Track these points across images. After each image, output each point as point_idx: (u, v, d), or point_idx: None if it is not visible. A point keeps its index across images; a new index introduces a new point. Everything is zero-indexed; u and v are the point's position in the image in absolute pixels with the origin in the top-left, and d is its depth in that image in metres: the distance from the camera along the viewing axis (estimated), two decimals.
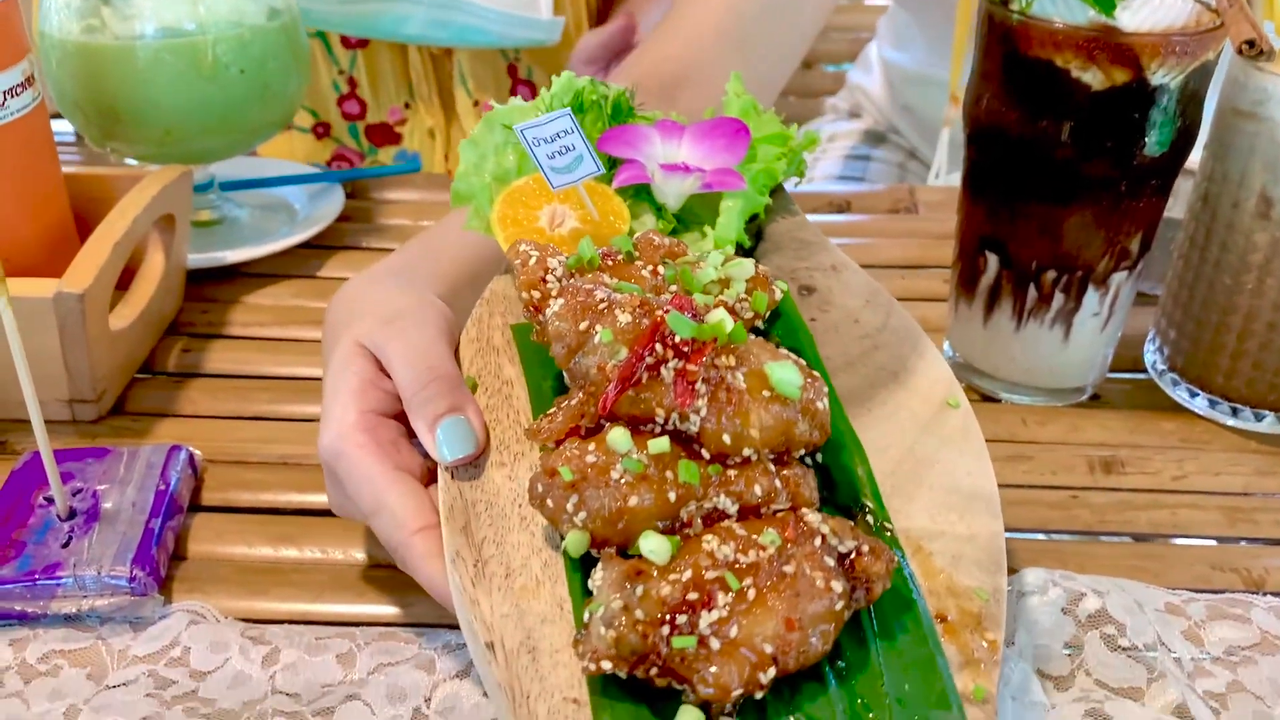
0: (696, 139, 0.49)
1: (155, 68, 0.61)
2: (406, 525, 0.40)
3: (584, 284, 0.40)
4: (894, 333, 0.47)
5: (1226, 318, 0.56)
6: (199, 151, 0.66)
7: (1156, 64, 0.49)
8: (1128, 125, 0.51)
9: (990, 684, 0.34)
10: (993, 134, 0.54)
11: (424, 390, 0.42)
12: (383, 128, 1.01)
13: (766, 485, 0.37)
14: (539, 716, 0.33)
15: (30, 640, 0.44)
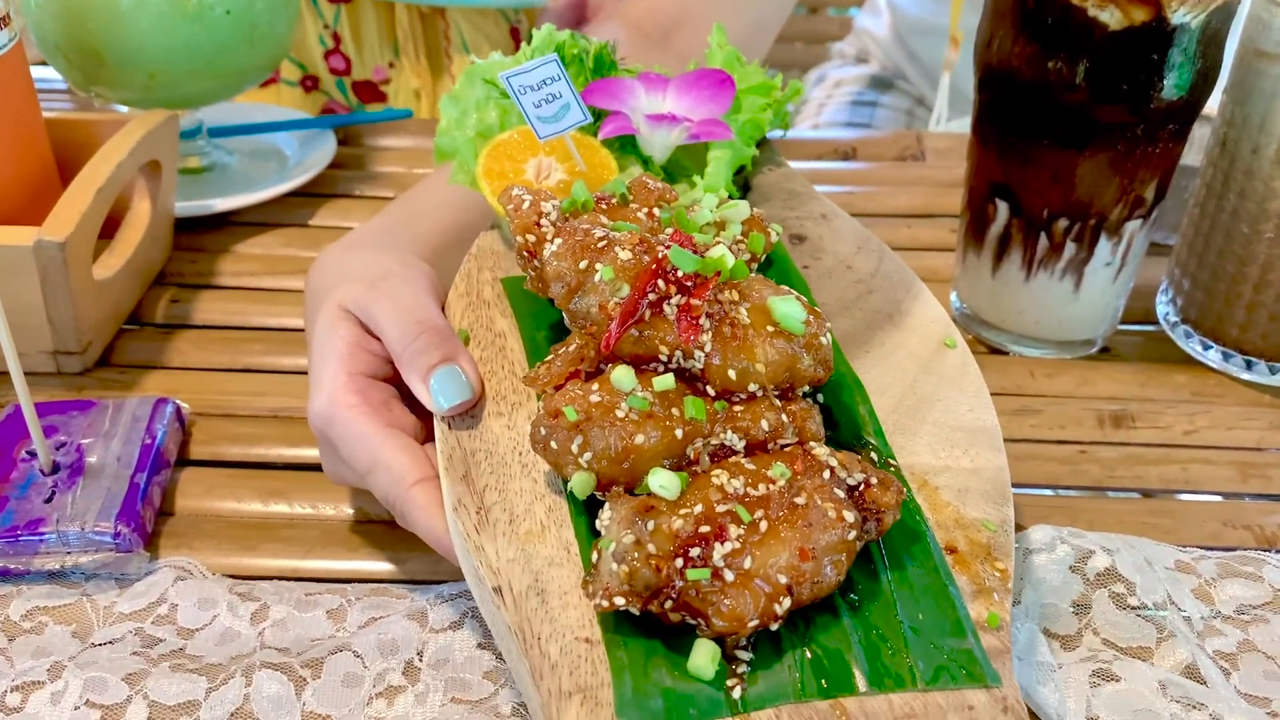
0: (681, 90, 0.48)
1: (138, 8, 0.59)
2: (404, 479, 0.39)
3: (581, 224, 0.39)
4: (887, 277, 0.46)
5: (1243, 268, 0.54)
6: (186, 96, 0.64)
7: (1177, 3, 0.47)
8: (1145, 67, 0.49)
9: (1004, 611, 0.34)
10: (1004, 76, 0.52)
11: (415, 343, 0.41)
12: (368, 85, 0.98)
13: (773, 420, 0.36)
14: (551, 657, 0.32)
15: (14, 597, 0.43)
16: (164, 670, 0.40)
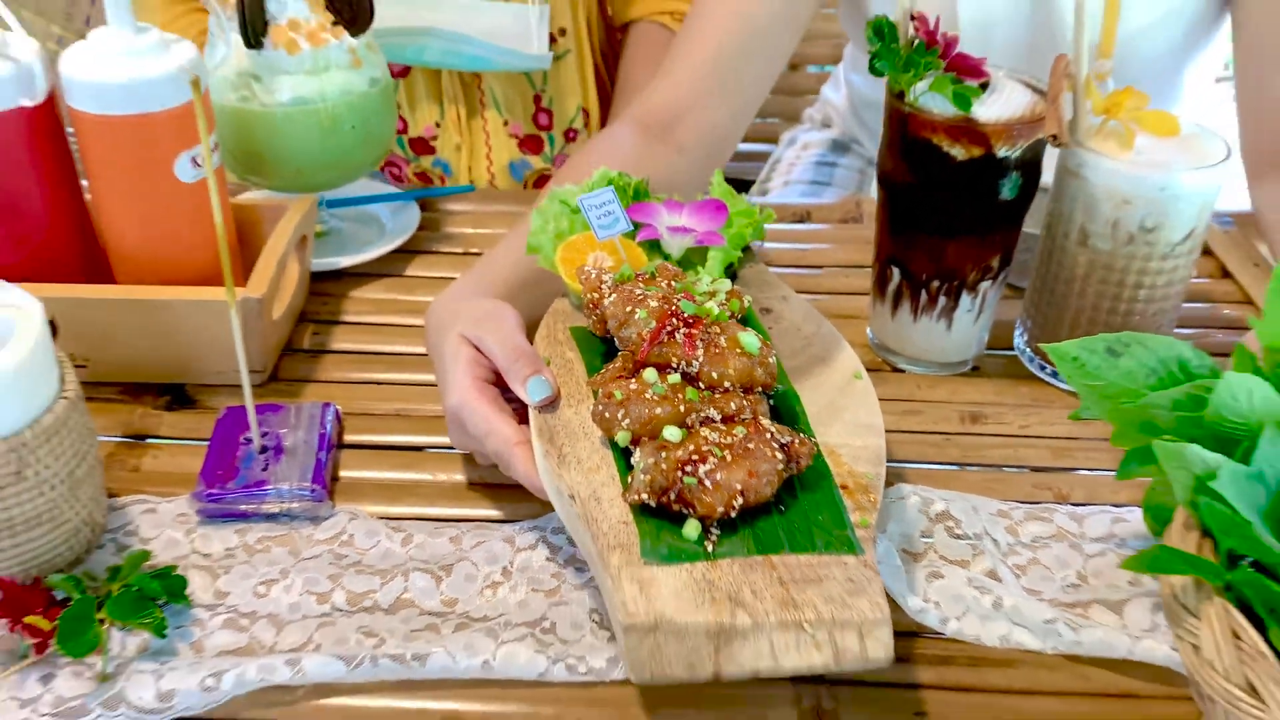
0: (692, 211, 0.72)
1: (289, 126, 0.84)
2: (510, 440, 0.63)
3: (627, 287, 0.64)
4: (822, 337, 0.70)
5: (1063, 314, 0.79)
6: (318, 184, 0.88)
7: (1001, 143, 0.71)
8: (984, 183, 0.73)
9: (870, 519, 0.58)
10: (894, 184, 0.77)
11: (516, 362, 0.65)
12: (421, 140, 1.22)
13: (737, 404, 0.60)
14: (604, 531, 0.56)
15: (249, 531, 0.68)
16: (350, 573, 0.65)
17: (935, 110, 0.72)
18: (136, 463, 0.73)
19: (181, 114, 0.73)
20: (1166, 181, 0.72)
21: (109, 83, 0.70)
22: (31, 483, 0.59)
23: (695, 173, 0.91)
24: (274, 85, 0.83)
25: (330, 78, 0.84)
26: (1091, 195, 0.74)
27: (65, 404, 0.61)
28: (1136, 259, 0.74)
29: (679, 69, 0.94)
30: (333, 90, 0.84)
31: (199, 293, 0.74)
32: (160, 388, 0.79)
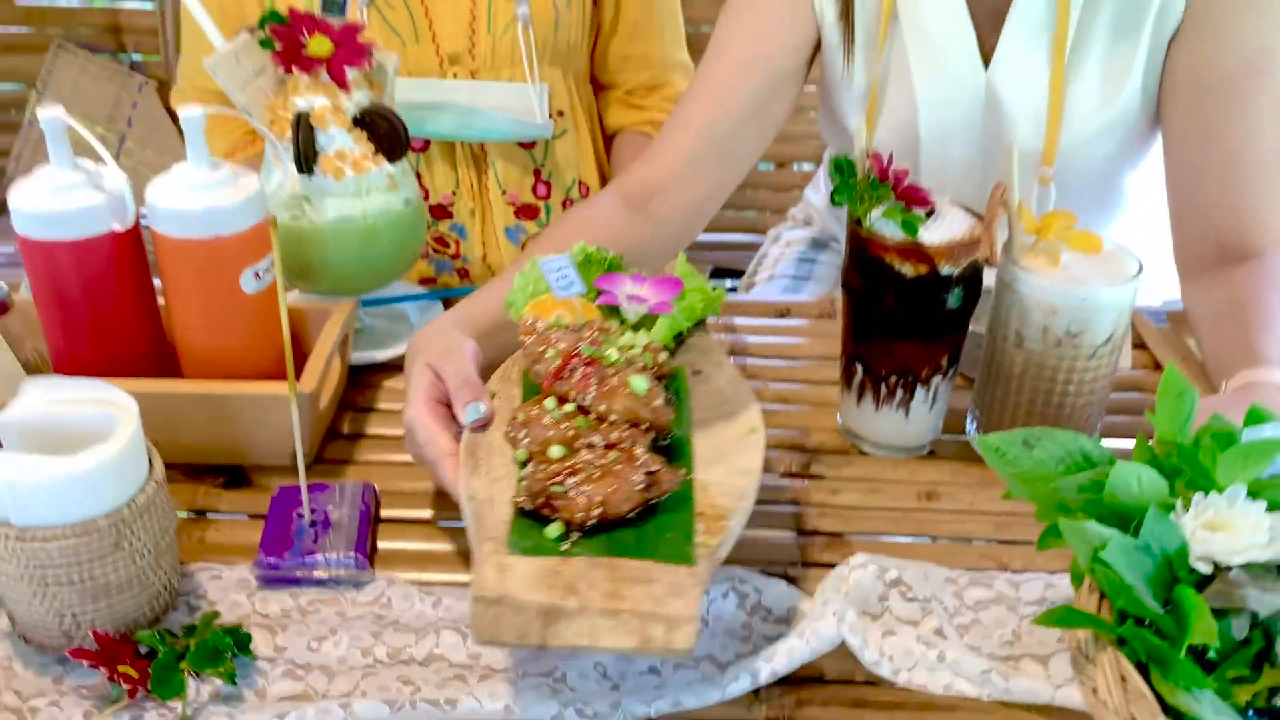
0: (653, 284, 0.86)
1: (334, 241, 0.96)
2: (444, 451, 0.77)
3: (549, 332, 0.79)
4: (737, 398, 0.82)
5: (1005, 406, 0.91)
6: (358, 289, 1.01)
7: (944, 262, 0.84)
8: (931, 296, 0.86)
9: (715, 540, 0.69)
10: (856, 293, 0.89)
11: (461, 390, 0.79)
12: (439, 207, 1.36)
13: (619, 435, 0.73)
14: (486, 526, 0.69)
15: (302, 594, 0.79)
16: (390, 631, 0.76)
17: (887, 234, 0.85)
18: (201, 535, 0.85)
19: (248, 236, 0.85)
20: (1087, 294, 0.84)
21: (189, 210, 0.83)
22: (126, 552, 0.71)
23: (668, 242, 1.08)
24: (322, 206, 0.96)
25: (370, 199, 0.97)
26: (1024, 305, 0.86)
27: (154, 486, 0.72)
28: (1065, 359, 0.87)
29: (663, 150, 1.09)
30: (372, 210, 0.97)
31: (258, 387, 0.86)
32: (219, 469, 0.91)
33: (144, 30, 1.93)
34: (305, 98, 0.94)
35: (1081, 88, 1.05)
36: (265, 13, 0.94)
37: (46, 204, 0.82)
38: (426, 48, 1.27)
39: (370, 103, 0.97)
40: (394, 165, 0.98)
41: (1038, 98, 1.06)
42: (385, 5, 1.25)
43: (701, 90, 1.10)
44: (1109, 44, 1.03)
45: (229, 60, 0.94)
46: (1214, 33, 1.00)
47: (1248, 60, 0.99)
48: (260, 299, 0.88)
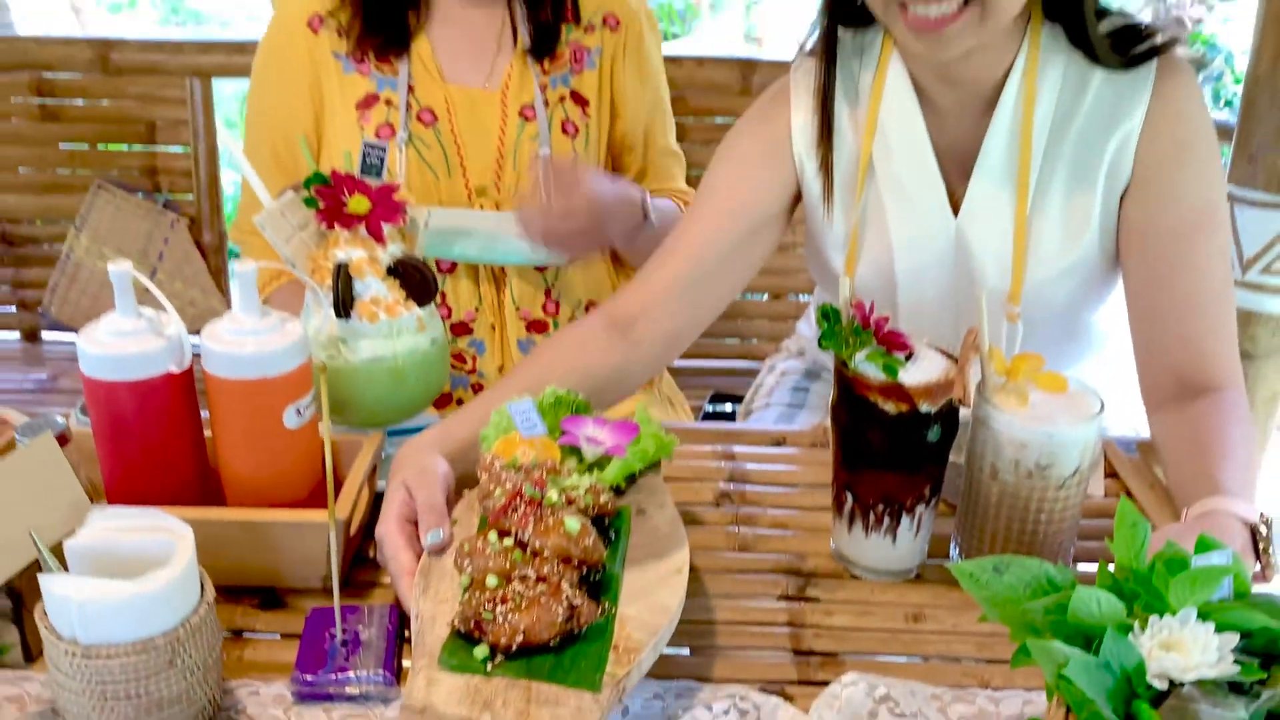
0: (611, 428, 0.95)
1: (367, 379, 1.05)
2: (405, 569, 0.88)
3: (501, 472, 0.88)
4: (671, 538, 0.91)
5: (983, 532, 0.98)
6: (385, 422, 1.09)
7: (923, 401, 0.93)
8: (912, 431, 0.94)
9: (622, 671, 0.77)
10: (843, 428, 0.98)
11: (427, 514, 0.90)
12: (461, 324, 1.47)
13: (550, 569, 0.81)
14: (425, 642, 0.78)
15: (335, 709, 0.85)
16: None
17: (871, 376, 0.94)
18: (240, 653, 0.91)
19: (292, 376, 0.94)
20: (1053, 431, 0.93)
21: (240, 354, 0.92)
22: (179, 669, 0.77)
23: (645, 366, 1.18)
24: (356, 347, 1.05)
25: (401, 340, 1.06)
26: (997, 440, 0.95)
27: (206, 607, 0.79)
28: (1036, 490, 0.95)
29: (651, 277, 1.20)
30: (402, 350, 1.06)
31: (297, 515, 0.94)
32: (254, 590, 0.97)
33: (178, 172, 2.06)
34: (345, 250, 1.04)
35: (1044, 234, 1.15)
36: (310, 174, 1.04)
37: (112, 348, 0.91)
38: (457, 181, 1.42)
39: (403, 253, 1.07)
40: (423, 309, 1.08)
41: (1003, 242, 1.16)
42: (422, 144, 1.40)
43: (690, 226, 1.21)
44: (1067, 195, 1.14)
45: (276, 216, 1.04)
46: (1160, 190, 1.11)
47: (1193, 212, 1.10)
48: (300, 433, 0.96)
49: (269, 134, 1.44)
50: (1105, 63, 1.10)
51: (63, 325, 2.12)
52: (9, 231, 2.10)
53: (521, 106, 1.43)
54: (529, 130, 1.43)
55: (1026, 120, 1.11)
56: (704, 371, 2.06)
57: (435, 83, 1.43)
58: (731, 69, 1.98)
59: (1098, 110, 1.11)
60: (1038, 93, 1.11)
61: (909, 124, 1.16)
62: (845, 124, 1.19)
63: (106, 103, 2.04)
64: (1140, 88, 1.10)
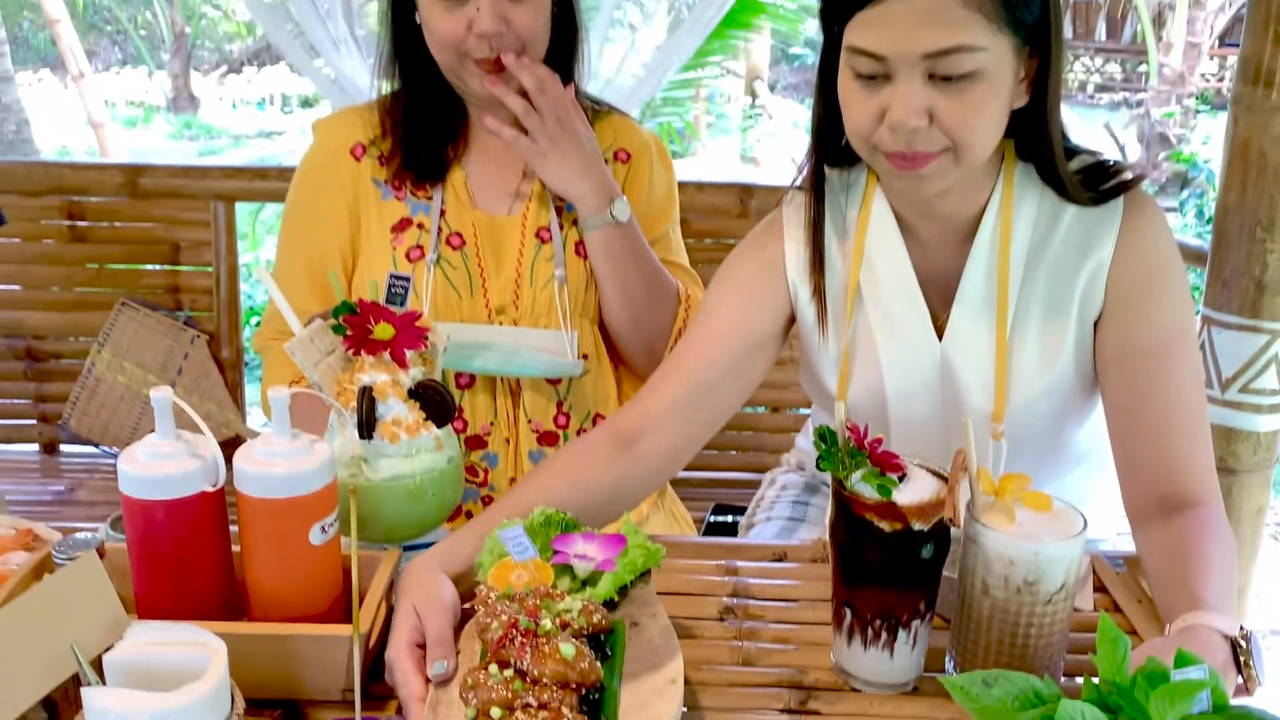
0: (600, 543, 1.01)
1: (386, 497, 1.11)
2: (415, 695, 0.92)
3: (496, 604, 0.92)
4: (665, 649, 0.96)
5: (976, 646, 1.02)
6: (402, 538, 1.14)
7: (916, 520, 0.98)
8: (907, 548, 0.99)
9: None
10: (842, 545, 1.03)
11: (435, 646, 0.95)
12: (476, 438, 1.52)
13: (550, 695, 0.85)
14: None
15: None
16: None
17: (867, 495, 0.99)
18: None
19: (319, 496, 1.00)
20: (1039, 549, 0.98)
21: (271, 475, 0.98)
22: None
23: (648, 479, 1.25)
24: (377, 465, 1.11)
25: (419, 459, 1.12)
26: (986, 557, 1.00)
27: (236, 716, 0.83)
28: (1025, 605, 0.99)
29: (654, 394, 1.27)
30: (421, 469, 1.12)
31: (320, 629, 0.98)
32: (275, 702, 1.01)
33: (200, 290, 2.15)
34: (369, 374, 1.11)
35: (1023, 358, 1.22)
36: (339, 304, 1.12)
37: (150, 469, 0.97)
38: (479, 301, 1.51)
39: (423, 376, 1.14)
40: (440, 429, 1.14)
41: (986, 365, 1.23)
42: (448, 266, 1.50)
43: (691, 345, 1.29)
44: (1043, 322, 1.21)
45: (305, 343, 1.11)
46: (1132, 316, 1.18)
47: (1164, 337, 1.17)
48: (324, 549, 1.01)
49: (304, 252, 1.52)
50: (1075, 199, 1.18)
51: (81, 438, 2.18)
52: (34, 347, 2.18)
53: (538, 229, 1.53)
54: (545, 251, 1.52)
55: (1003, 252, 1.19)
56: (706, 483, 2.11)
57: (465, 209, 1.52)
58: (730, 193, 2.09)
59: (1069, 243, 1.20)
60: (1013, 226, 1.19)
61: (893, 254, 1.24)
62: (834, 254, 1.28)
63: (133, 224, 2.13)
64: (1109, 221, 1.18)
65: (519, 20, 1.41)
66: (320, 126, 1.58)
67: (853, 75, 1.12)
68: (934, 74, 1.07)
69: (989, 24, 1.06)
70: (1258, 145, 1.46)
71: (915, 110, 1.08)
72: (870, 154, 1.15)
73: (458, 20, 1.40)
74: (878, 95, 1.10)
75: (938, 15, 1.06)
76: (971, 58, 1.07)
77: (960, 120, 1.09)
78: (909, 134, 1.09)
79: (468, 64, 1.43)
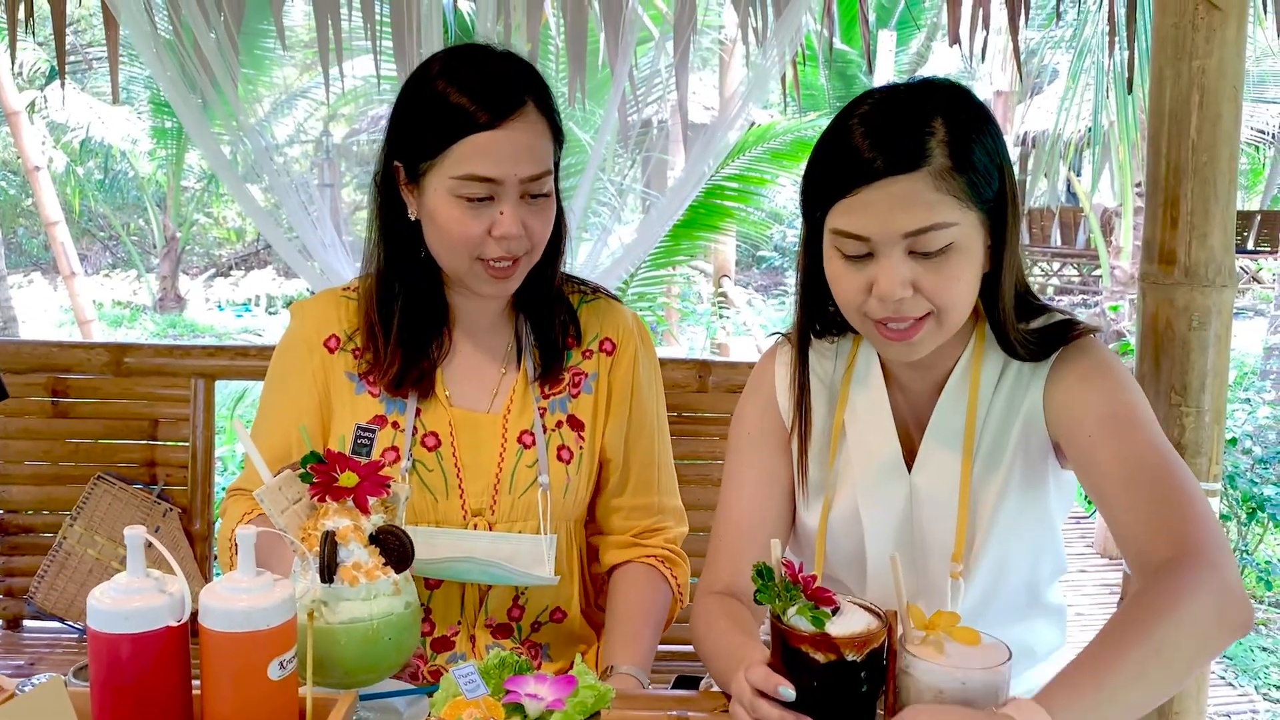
0: (550, 683, 1.04)
1: (344, 640, 1.15)
2: None
3: None
4: None
5: None
6: (358, 683, 1.17)
7: (848, 651, 1.03)
8: (841, 678, 1.04)
9: None
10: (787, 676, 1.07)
11: None
12: (443, 639, 1.53)
13: None
14: None
15: None
16: None
17: (801, 627, 1.05)
18: None
19: (277, 631, 1.04)
20: (966, 678, 1.03)
21: (233, 609, 1.03)
22: None
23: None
24: (336, 609, 1.15)
25: (377, 603, 1.16)
26: (918, 686, 1.04)
27: None
28: None
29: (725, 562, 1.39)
30: (378, 612, 1.16)
31: None
32: None
33: (175, 465, 2.21)
34: (333, 520, 1.17)
35: (985, 496, 1.32)
36: (307, 454, 1.19)
37: (120, 603, 1.02)
38: (454, 503, 1.50)
39: (385, 522, 1.20)
40: (399, 575, 1.19)
41: (950, 498, 1.31)
42: (424, 468, 1.50)
43: (730, 509, 1.44)
44: (1003, 462, 1.32)
45: (274, 491, 1.18)
46: (1076, 409, 1.27)
47: (1112, 414, 1.24)
48: (281, 685, 1.05)
49: (279, 426, 1.52)
50: (1018, 355, 1.31)
51: (45, 614, 2.18)
52: (6, 521, 2.21)
53: (520, 432, 1.52)
54: (527, 458, 1.51)
55: (972, 397, 1.32)
56: (669, 655, 2.12)
57: (442, 407, 1.51)
58: (690, 368, 2.19)
59: (1015, 390, 1.32)
60: (981, 374, 1.32)
61: (874, 396, 1.38)
62: (820, 401, 1.41)
63: (115, 401, 2.21)
64: (1042, 368, 1.31)
65: (534, 226, 1.43)
66: (297, 311, 1.58)
67: (839, 255, 1.25)
68: (914, 250, 1.21)
69: (958, 202, 1.20)
70: (1164, 317, 1.59)
71: (900, 282, 1.21)
72: (861, 321, 1.28)
73: (479, 224, 1.40)
74: (864, 271, 1.24)
75: (914, 199, 1.19)
76: (946, 233, 1.20)
77: (941, 288, 1.22)
78: (896, 303, 1.22)
79: (478, 266, 1.43)
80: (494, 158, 1.38)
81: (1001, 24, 2.86)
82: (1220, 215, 1.57)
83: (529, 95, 1.42)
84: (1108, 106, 7.91)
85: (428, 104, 1.42)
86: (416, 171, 1.43)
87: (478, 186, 1.39)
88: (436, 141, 1.40)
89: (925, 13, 11.30)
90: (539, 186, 1.42)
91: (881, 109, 1.24)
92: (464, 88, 1.39)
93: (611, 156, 3.80)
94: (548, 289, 1.56)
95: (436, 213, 1.42)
